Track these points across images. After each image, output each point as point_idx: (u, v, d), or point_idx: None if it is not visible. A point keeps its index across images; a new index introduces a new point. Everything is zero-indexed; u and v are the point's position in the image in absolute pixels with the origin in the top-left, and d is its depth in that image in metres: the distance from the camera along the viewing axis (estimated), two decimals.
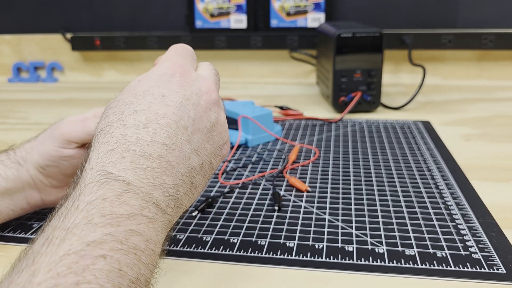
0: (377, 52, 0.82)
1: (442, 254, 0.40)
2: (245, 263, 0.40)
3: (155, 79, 0.32)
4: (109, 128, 0.30)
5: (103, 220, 0.24)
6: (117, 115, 0.30)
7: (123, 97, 0.32)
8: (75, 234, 0.23)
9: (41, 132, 0.45)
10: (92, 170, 0.27)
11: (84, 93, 1.09)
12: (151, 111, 0.30)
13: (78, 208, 0.25)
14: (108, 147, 0.28)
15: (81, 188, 0.26)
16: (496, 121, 0.80)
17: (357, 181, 0.56)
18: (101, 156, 0.28)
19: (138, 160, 0.28)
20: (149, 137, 0.29)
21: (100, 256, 0.23)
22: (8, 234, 0.45)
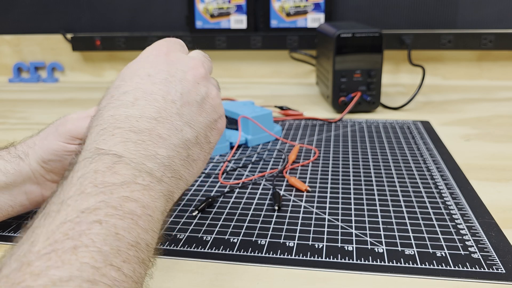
0: (377, 52, 0.82)
1: (441, 254, 0.40)
2: (245, 262, 0.40)
3: (141, 62, 0.34)
4: (100, 112, 0.31)
5: (95, 189, 0.25)
6: (107, 99, 0.32)
7: (114, 84, 0.34)
8: (69, 205, 0.24)
9: (43, 128, 0.45)
10: (85, 150, 0.29)
11: (84, 93, 1.10)
12: (138, 90, 0.31)
13: (71, 182, 0.26)
14: (99, 127, 0.30)
15: (75, 166, 0.27)
16: (495, 121, 0.80)
17: (357, 181, 0.56)
18: (93, 136, 0.29)
19: (128, 135, 0.29)
20: (138, 113, 0.30)
21: (95, 222, 0.23)
22: (8, 234, 0.45)
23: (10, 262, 0.22)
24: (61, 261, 0.21)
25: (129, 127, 0.29)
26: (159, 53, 0.35)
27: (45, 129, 0.44)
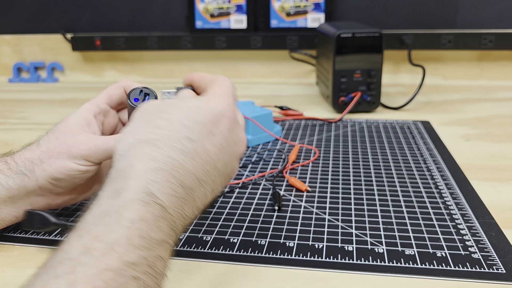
0: (377, 52, 0.82)
1: (441, 254, 0.40)
2: (245, 262, 0.40)
3: (212, 115, 0.35)
4: (159, 141, 0.32)
5: (141, 242, 0.27)
6: (170, 132, 0.32)
7: (179, 115, 0.34)
8: (116, 251, 0.25)
9: (42, 136, 0.44)
10: (136, 182, 0.29)
11: (84, 93, 1.10)
12: (200, 144, 0.33)
13: (121, 224, 0.27)
14: (156, 164, 0.30)
15: (125, 201, 0.28)
16: (495, 121, 0.80)
17: (357, 181, 0.56)
18: (147, 170, 0.30)
19: (177, 188, 0.30)
20: (191, 168, 0.32)
21: (133, 278, 0.25)
22: (8, 234, 0.45)
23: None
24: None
25: (180, 180, 0.31)
26: (227, 116, 0.35)
27: (49, 144, 0.42)
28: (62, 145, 0.41)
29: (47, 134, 0.43)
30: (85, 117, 0.44)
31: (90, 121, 0.44)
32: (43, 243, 0.43)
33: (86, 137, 0.42)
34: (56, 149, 0.41)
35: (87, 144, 0.41)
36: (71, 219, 0.41)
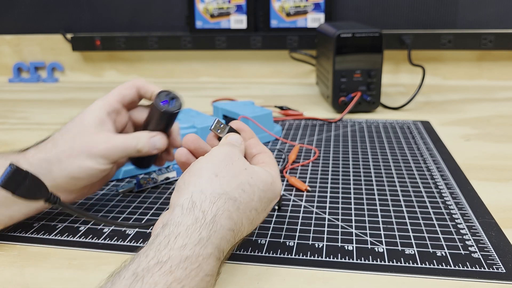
0: (377, 52, 0.82)
1: (441, 254, 0.40)
2: (245, 262, 0.40)
3: (274, 196, 0.39)
4: (239, 204, 0.35)
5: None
6: (248, 199, 0.36)
7: (259, 186, 0.37)
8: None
9: (56, 138, 0.43)
10: (216, 238, 0.32)
11: (84, 93, 1.10)
12: (258, 216, 0.38)
13: (199, 276, 0.29)
14: (231, 225, 0.34)
15: (206, 254, 0.31)
16: (495, 121, 0.80)
17: (357, 181, 0.56)
18: (225, 227, 0.33)
19: (232, 243, 0.35)
20: (245, 232, 0.37)
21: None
22: (8, 233, 0.45)
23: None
24: None
25: (235, 242, 0.35)
26: (278, 198, 0.40)
27: (66, 141, 0.43)
28: (81, 145, 0.42)
29: (62, 134, 0.43)
30: (99, 116, 0.44)
31: (104, 120, 0.44)
32: (43, 243, 0.43)
33: (105, 137, 0.43)
34: (75, 149, 0.42)
35: (106, 143, 0.43)
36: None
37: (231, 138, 0.41)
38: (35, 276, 0.39)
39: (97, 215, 0.48)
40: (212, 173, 0.36)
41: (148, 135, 0.45)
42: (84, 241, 0.43)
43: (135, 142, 0.44)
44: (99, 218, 0.41)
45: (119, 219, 0.47)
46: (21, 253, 0.42)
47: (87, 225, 0.46)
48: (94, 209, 0.50)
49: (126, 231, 0.45)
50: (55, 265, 0.40)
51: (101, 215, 0.48)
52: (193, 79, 1.21)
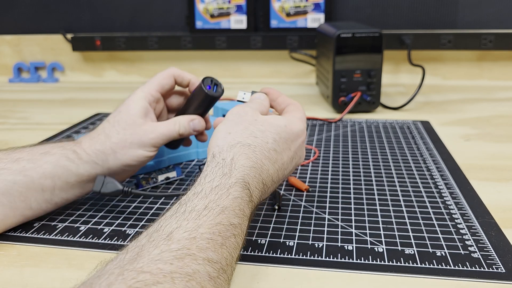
0: (377, 52, 0.82)
1: (441, 253, 0.40)
2: (245, 262, 0.40)
3: (293, 134, 0.44)
4: (254, 148, 0.41)
5: (239, 213, 0.36)
6: (263, 142, 0.42)
7: (271, 130, 0.43)
8: (226, 214, 0.34)
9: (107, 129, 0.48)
10: (238, 172, 0.38)
11: (84, 93, 1.10)
12: (280, 155, 0.43)
13: (229, 197, 0.36)
14: (251, 163, 0.40)
15: (231, 183, 0.37)
16: (495, 121, 0.80)
17: (357, 181, 0.56)
18: (245, 165, 0.39)
19: (259, 184, 0.40)
20: (272, 172, 0.42)
21: (233, 235, 0.34)
22: (8, 233, 0.45)
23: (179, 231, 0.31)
24: (214, 248, 0.31)
25: (263, 178, 0.40)
26: (301, 136, 0.46)
27: (118, 133, 0.48)
28: (133, 136, 0.48)
29: (112, 125, 0.48)
30: (144, 106, 0.49)
31: (148, 109, 0.50)
32: (43, 243, 0.43)
33: (152, 126, 0.49)
34: (128, 140, 0.48)
35: (154, 132, 0.48)
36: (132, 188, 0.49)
37: (254, 96, 0.49)
38: (35, 276, 0.39)
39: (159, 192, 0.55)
40: (225, 132, 0.42)
41: (187, 119, 0.51)
42: (84, 241, 0.43)
43: (177, 127, 0.50)
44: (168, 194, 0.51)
45: (119, 219, 0.48)
46: (21, 253, 0.42)
47: (87, 225, 0.46)
48: (95, 208, 0.50)
49: (126, 231, 0.45)
50: (55, 265, 0.40)
51: (101, 215, 0.49)
52: None
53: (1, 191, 0.43)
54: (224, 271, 0.31)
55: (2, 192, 0.43)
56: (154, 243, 0.30)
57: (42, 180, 0.44)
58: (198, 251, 0.30)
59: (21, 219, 0.45)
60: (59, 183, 0.45)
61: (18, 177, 0.43)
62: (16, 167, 0.44)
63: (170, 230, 0.31)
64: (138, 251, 0.29)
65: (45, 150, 0.46)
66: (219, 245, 0.32)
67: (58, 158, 0.45)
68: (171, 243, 0.30)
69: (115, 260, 0.29)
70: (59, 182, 0.45)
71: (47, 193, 0.45)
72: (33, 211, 0.45)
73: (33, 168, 0.44)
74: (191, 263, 0.29)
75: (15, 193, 0.43)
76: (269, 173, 0.41)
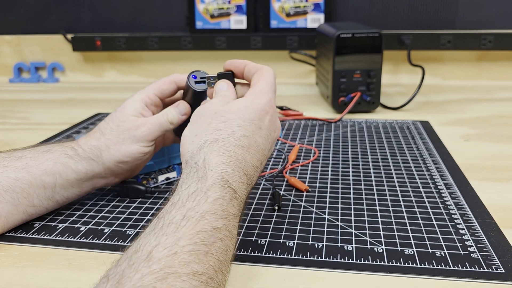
0: (377, 52, 0.82)
1: (441, 254, 0.40)
2: (245, 262, 0.40)
3: (258, 112, 0.42)
4: (223, 141, 0.39)
5: (222, 214, 0.34)
6: (229, 132, 0.40)
7: (233, 117, 0.41)
8: (206, 219, 0.33)
9: (102, 127, 0.49)
10: (213, 172, 0.37)
11: (85, 93, 1.10)
12: (252, 138, 0.41)
13: (208, 200, 0.35)
14: (225, 158, 0.38)
15: (208, 185, 0.36)
16: (495, 121, 0.80)
17: (357, 181, 0.56)
18: (219, 163, 0.38)
19: (243, 176, 0.39)
20: (249, 159, 0.40)
21: (219, 238, 0.33)
22: (9, 234, 0.45)
23: (159, 248, 0.30)
24: (198, 259, 0.30)
25: (243, 169, 0.39)
26: (269, 111, 0.43)
27: (112, 130, 0.48)
28: (126, 132, 0.48)
29: (107, 123, 0.49)
30: (139, 106, 0.50)
31: (144, 110, 0.50)
32: (44, 244, 0.44)
33: (143, 120, 0.49)
34: (120, 136, 0.48)
35: (146, 125, 0.49)
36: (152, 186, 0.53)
37: (215, 88, 0.47)
38: (35, 277, 0.39)
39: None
40: (192, 135, 0.41)
41: (173, 106, 0.51)
42: (85, 242, 0.44)
43: (166, 117, 0.50)
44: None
45: (119, 220, 0.48)
46: (21, 254, 0.42)
47: (88, 226, 0.47)
48: (95, 209, 0.50)
49: (126, 231, 0.45)
50: (55, 265, 0.40)
51: (102, 215, 0.49)
52: None
53: (4, 188, 0.43)
54: (212, 280, 0.30)
55: (5, 189, 0.43)
56: (134, 267, 0.29)
57: (43, 177, 0.45)
58: (181, 266, 0.29)
59: (24, 216, 0.45)
60: (59, 180, 0.46)
61: (21, 174, 0.44)
62: (19, 164, 0.45)
63: (149, 249, 0.30)
64: (119, 278, 0.28)
65: (46, 149, 0.47)
66: (203, 255, 0.31)
67: (58, 155, 0.47)
68: (151, 264, 0.29)
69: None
70: (59, 179, 0.46)
71: (49, 190, 0.46)
72: (36, 208, 0.46)
73: (35, 165, 0.45)
74: (175, 282, 0.28)
75: (18, 189, 0.44)
76: (247, 161, 0.40)
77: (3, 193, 0.43)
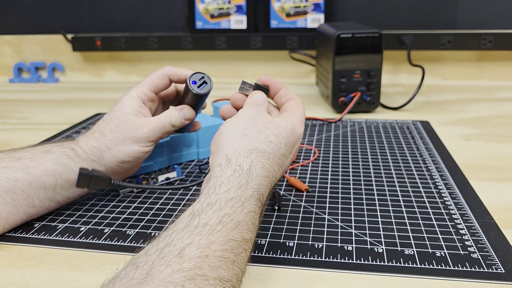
0: (377, 52, 0.82)
1: (441, 254, 0.40)
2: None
3: (296, 139, 0.45)
4: (269, 154, 0.41)
5: (252, 227, 0.36)
6: (276, 147, 0.42)
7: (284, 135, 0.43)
8: (239, 229, 0.34)
9: (102, 127, 0.49)
10: (254, 183, 0.38)
11: (85, 93, 1.10)
12: (286, 160, 0.44)
13: (243, 211, 0.35)
14: (266, 172, 0.40)
15: (247, 196, 0.37)
16: (495, 121, 0.80)
17: (357, 181, 0.56)
18: (260, 175, 0.39)
19: (269, 192, 0.41)
20: (278, 177, 0.42)
21: (244, 250, 0.34)
22: (9, 234, 0.45)
23: (191, 247, 0.30)
24: (226, 266, 0.31)
25: (272, 186, 0.41)
26: (301, 140, 0.46)
27: (112, 131, 0.49)
28: (126, 132, 0.48)
29: (106, 123, 0.49)
30: (137, 104, 0.50)
31: (141, 107, 0.51)
32: (44, 244, 0.44)
33: (144, 121, 0.49)
34: (121, 136, 0.48)
35: (147, 126, 0.49)
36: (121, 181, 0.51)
37: (255, 97, 0.47)
38: (35, 277, 0.39)
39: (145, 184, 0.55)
40: (241, 133, 0.42)
41: (177, 109, 0.52)
42: (85, 242, 0.44)
43: (169, 119, 0.51)
44: (156, 187, 0.52)
45: (119, 220, 0.48)
46: (22, 254, 0.42)
47: (88, 226, 0.47)
48: (95, 209, 0.50)
49: (126, 231, 0.45)
50: (55, 265, 0.40)
51: (102, 215, 0.49)
52: None
53: (4, 189, 0.43)
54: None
55: (5, 190, 0.43)
56: (165, 260, 0.29)
57: (44, 178, 0.45)
58: (210, 270, 0.30)
59: (24, 217, 0.45)
60: (60, 181, 0.46)
61: (20, 175, 0.44)
62: (18, 165, 0.45)
63: (182, 246, 0.30)
64: (148, 269, 0.28)
65: (46, 149, 0.47)
66: (230, 263, 0.31)
67: (59, 156, 0.46)
68: (182, 261, 0.29)
69: (124, 278, 0.28)
70: (60, 180, 0.46)
71: (49, 191, 0.46)
72: (36, 209, 0.46)
73: (35, 166, 0.45)
74: (202, 284, 0.28)
75: (18, 190, 0.44)
76: (276, 178, 0.42)
77: (3, 194, 0.43)
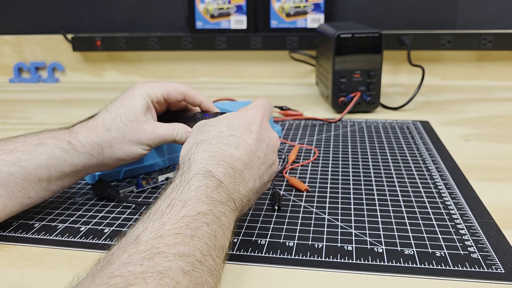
0: (377, 52, 0.82)
1: (441, 254, 0.40)
2: (245, 262, 0.40)
3: (246, 118, 0.44)
4: (210, 140, 0.41)
5: (206, 199, 0.35)
6: (216, 133, 0.42)
7: (222, 120, 0.44)
8: (190, 205, 0.34)
9: (108, 122, 0.49)
10: (196, 165, 0.39)
11: (85, 93, 1.10)
12: (241, 138, 0.42)
13: (190, 189, 0.36)
14: (210, 153, 0.40)
15: (190, 176, 0.37)
16: (495, 121, 0.80)
17: (357, 181, 0.56)
18: (204, 157, 0.39)
19: (228, 169, 0.39)
20: (238, 156, 0.41)
21: (205, 223, 0.34)
22: (9, 234, 0.45)
23: (146, 232, 0.31)
24: (184, 241, 0.31)
25: (229, 163, 0.40)
26: (259, 118, 0.45)
27: (119, 129, 0.49)
28: (133, 134, 0.50)
29: (114, 120, 0.50)
30: (147, 103, 0.51)
31: (149, 107, 0.52)
32: (44, 244, 0.44)
33: (152, 126, 0.51)
34: (127, 136, 0.49)
35: (154, 133, 0.51)
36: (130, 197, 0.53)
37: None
38: (35, 277, 0.39)
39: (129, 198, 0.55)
40: (185, 143, 0.43)
41: (185, 129, 0.52)
42: (85, 242, 0.44)
43: (175, 134, 0.52)
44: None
45: (119, 220, 0.48)
46: (21, 254, 0.42)
47: (88, 226, 0.47)
48: (95, 209, 0.50)
49: (126, 232, 0.45)
50: (56, 265, 0.40)
51: (102, 215, 0.49)
52: (193, 80, 1.21)
53: None
54: (200, 263, 0.31)
55: None
56: (122, 249, 0.30)
57: (38, 171, 0.45)
58: (167, 248, 0.30)
59: (20, 207, 0.45)
60: (54, 173, 0.46)
61: (13, 168, 0.44)
62: (11, 158, 0.44)
63: (137, 234, 0.31)
64: (109, 258, 0.30)
65: (39, 141, 0.46)
66: (189, 238, 0.32)
67: (53, 149, 0.46)
68: (139, 245, 0.30)
69: (89, 272, 0.29)
70: (54, 172, 0.46)
71: (44, 182, 0.46)
72: (32, 199, 0.46)
73: (28, 159, 0.44)
74: (162, 260, 0.29)
75: (12, 183, 0.44)
76: (235, 156, 0.40)
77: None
